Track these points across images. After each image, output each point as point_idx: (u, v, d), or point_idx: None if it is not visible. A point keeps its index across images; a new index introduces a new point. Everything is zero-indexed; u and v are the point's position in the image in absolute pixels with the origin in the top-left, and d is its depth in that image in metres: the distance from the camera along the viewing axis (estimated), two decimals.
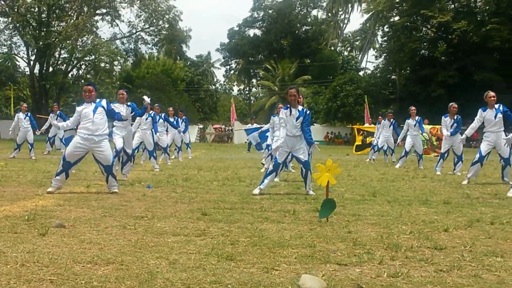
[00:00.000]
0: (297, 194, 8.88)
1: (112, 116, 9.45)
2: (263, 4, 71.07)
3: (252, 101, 77.21)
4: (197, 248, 4.72)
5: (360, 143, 26.20)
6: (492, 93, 11.28)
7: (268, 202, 7.80)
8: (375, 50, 67.97)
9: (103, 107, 8.95)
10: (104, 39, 54.94)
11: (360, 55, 73.73)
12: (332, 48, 72.21)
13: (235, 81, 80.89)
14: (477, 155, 11.26)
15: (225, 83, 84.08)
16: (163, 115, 16.55)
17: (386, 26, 53.83)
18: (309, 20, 72.48)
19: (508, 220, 6.31)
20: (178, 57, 71.27)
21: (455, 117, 14.08)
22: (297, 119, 8.91)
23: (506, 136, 10.83)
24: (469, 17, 45.29)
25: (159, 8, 56.51)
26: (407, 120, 16.94)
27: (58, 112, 20.31)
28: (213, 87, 78.84)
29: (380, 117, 21.66)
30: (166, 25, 59.57)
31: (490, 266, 4.17)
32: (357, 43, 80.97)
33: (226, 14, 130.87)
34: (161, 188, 9.61)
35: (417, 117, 16.68)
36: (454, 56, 47.23)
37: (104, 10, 55.84)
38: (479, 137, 44.58)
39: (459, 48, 47.30)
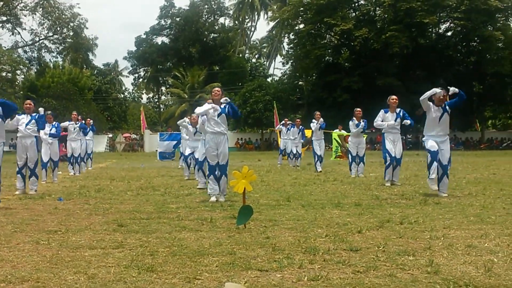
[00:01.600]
0: (213, 201, 8.88)
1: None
2: (170, 12, 70.44)
3: (162, 109, 76.31)
4: (116, 260, 4.63)
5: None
6: (394, 96, 12.19)
7: (185, 211, 7.76)
8: (282, 57, 69.16)
9: None
10: (5, 47, 52.59)
11: (268, 62, 74.85)
12: (240, 55, 72.80)
13: (144, 89, 79.61)
14: (388, 158, 11.71)
15: (133, 91, 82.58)
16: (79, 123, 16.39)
17: (292, 33, 54.92)
18: (216, 27, 72.63)
19: (416, 220, 6.62)
20: (85, 66, 69.27)
21: (361, 121, 14.68)
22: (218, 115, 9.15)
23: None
24: (369, 25, 47.15)
25: (63, 16, 54.97)
26: (311, 124, 17.63)
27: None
28: (122, 95, 77.21)
29: (286, 119, 21.91)
30: (71, 33, 58.03)
31: (404, 265, 4.37)
32: (264, 50, 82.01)
33: (131, 22, 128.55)
34: (73, 200, 9.33)
35: (321, 120, 17.33)
36: (357, 62, 48.99)
37: (4, 18, 53.53)
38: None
39: (362, 54, 49.13)
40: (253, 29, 76.74)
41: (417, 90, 43.63)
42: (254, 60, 75.68)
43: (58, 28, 56.82)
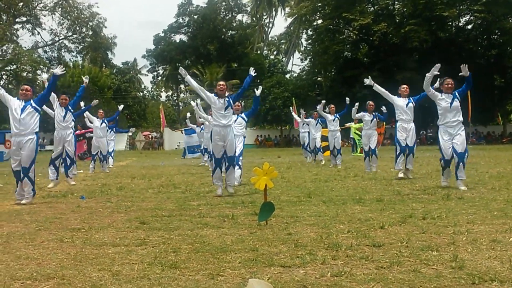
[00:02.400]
0: (234, 198, 8.91)
1: None
2: (188, 10, 70.66)
3: (180, 107, 76.67)
4: (139, 257, 4.66)
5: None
6: (405, 86, 13.02)
7: (206, 208, 7.79)
8: (300, 53, 69.02)
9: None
10: (25, 47, 53.21)
11: (286, 58, 74.73)
12: (258, 52, 72.83)
13: (163, 87, 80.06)
14: (398, 147, 12.21)
15: (153, 89, 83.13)
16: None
17: (310, 29, 54.78)
18: (234, 24, 72.69)
19: (438, 215, 6.56)
20: (104, 65, 69.82)
21: (374, 114, 15.14)
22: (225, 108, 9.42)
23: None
24: (388, 19, 46.82)
25: (82, 15, 55.43)
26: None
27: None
28: (141, 94, 77.78)
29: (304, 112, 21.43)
30: (90, 32, 58.50)
31: (427, 260, 4.33)
32: (282, 46, 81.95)
33: (149, 20, 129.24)
34: (95, 199, 9.41)
35: (336, 114, 17.57)
36: (376, 57, 48.72)
37: (24, 18, 54.23)
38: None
39: (380, 49, 48.85)
40: (270, 25, 76.76)
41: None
42: (272, 57, 75.62)
43: (77, 28, 57.35)
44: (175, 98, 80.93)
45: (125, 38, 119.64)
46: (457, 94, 9.73)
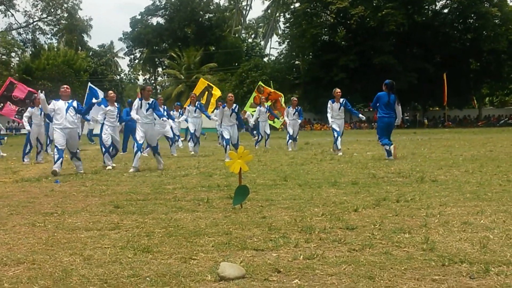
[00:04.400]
0: (210, 182, 8.88)
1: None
2: None
3: (158, 90, 76.15)
4: (112, 242, 4.62)
5: None
6: (338, 90, 15.32)
7: (181, 192, 7.76)
8: (278, 37, 68.91)
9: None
10: None
11: (264, 42, 74.51)
12: (236, 35, 72.48)
13: (140, 70, 79.42)
14: (335, 134, 15.10)
15: (130, 72, 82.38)
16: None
17: (288, 12, 54.70)
18: (212, 7, 72.23)
19: (412, 198, 6.62)
20: (80, 47, 68.97)
21: (341, 101, 15.30)
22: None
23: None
24: (365, 3, 46.88)
25: None
26: (287, 109, 18.83)
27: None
28: (118, 77, 77.03)
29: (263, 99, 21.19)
30: (65, 15, 57.59)
31: (399, 243, 4.37)
32: (260, 30, 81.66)
33: (126, 3, 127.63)
34: (70, 183, 9.33)
35: (298, 107, 18.58)
36: (353, 41, 48.88)
37: None
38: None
39: (358, 33, 48.98)
40: (248, 8, 76.34)
41: (413, 68, 43.93)
42: (250, 40, 75.37)
43: (52, 10, 56.43)
44: (152, 81, 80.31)
45: (101, 20, 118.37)
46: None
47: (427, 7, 50.28)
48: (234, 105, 13.97)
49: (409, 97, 47.86)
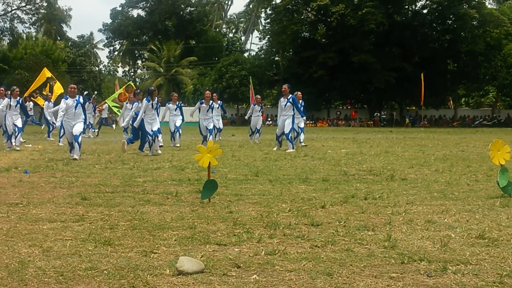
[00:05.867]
0: (181, 175, 8.84)
1: None
2: None
3: (137, 83, 75.56)
4: (74, 234, 4.59)
5: None
6: (285, 86, 15.53)
7: (151, 185, 7.72)
8: (259, 32, 68.77)
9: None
10: None
11: (245, 37, 74.37)
12: (217, 29, 72.17)
13: (120, 62, 78.70)
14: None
15: (109, 64, 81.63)
16: None
17: (269, 8, 54.54)
18: (193, 1, 71.79)
19: (380, 195, 6.67)
20: (59, 37, 68.12)
21: (288, 97, 15.28)
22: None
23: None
24: (346, 1, 46.87)
25: None
26: (252, 105, 20.02)
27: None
28: (97, 68, 76.29)
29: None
30: (45, 4, 56.82)
31: (362, 240, 4.40)
32: (241, 25, 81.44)
33: None
34: (40, 173, 9.22)
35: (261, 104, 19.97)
36: (333, 38, 48.90)
37: None
38: (357, 117, 46.58)
39: (338, 30, 49.03)
40: (229, 3, 76.05)
41: (391, 67, 44.16)
42: (231, 35, 75.11)
43: None
44: (132, 73, 79.69)
45: (81, 10, 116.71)
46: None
47: (407, 7, 50.54)
48: (211, 102, 16.26)
49: (386, 96, 48.18)
